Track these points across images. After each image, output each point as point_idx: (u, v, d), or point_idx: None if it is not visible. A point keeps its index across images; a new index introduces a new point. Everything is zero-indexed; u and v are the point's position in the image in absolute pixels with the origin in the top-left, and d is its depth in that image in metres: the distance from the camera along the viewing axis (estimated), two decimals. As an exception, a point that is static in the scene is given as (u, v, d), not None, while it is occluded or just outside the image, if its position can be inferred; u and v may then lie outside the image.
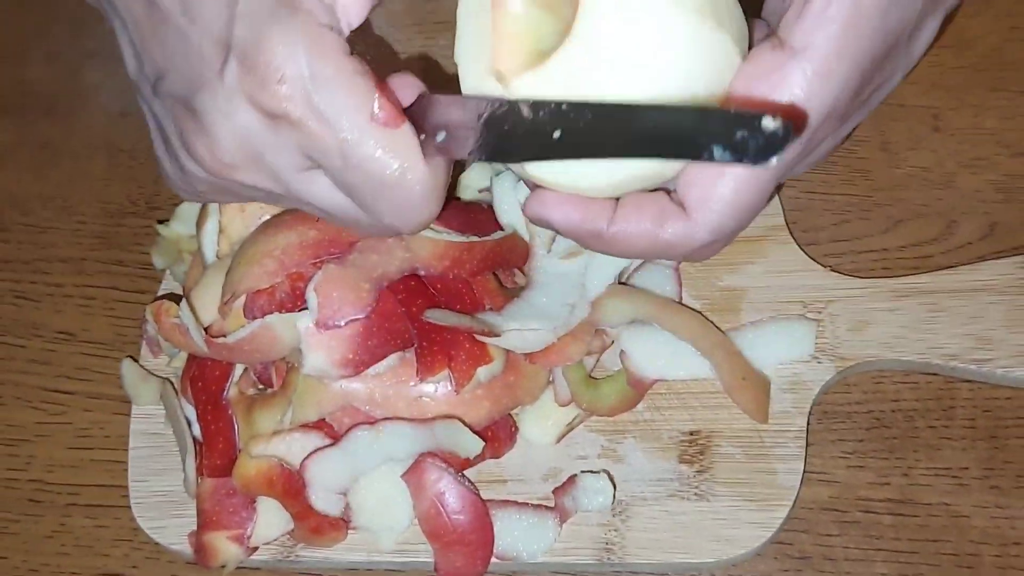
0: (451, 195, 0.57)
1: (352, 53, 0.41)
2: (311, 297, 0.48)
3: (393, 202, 0.42)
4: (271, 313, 0.49)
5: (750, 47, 0.42)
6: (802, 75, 0.40)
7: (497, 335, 0.49)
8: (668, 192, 0.43)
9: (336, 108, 0.40)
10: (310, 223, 0.50)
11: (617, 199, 0.43)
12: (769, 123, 0.32)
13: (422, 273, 0.51)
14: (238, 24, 0.40)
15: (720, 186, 0.41)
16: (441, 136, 0.41)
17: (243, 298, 0.49)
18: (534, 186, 0.44)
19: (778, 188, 0.55)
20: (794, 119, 0.40)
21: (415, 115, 0.42)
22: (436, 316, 0.49)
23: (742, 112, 0.33)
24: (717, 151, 0.33)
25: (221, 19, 0.41)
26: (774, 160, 0.32)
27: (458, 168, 0.57)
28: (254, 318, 0.49)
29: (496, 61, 0.41)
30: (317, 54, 0.40)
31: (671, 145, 0.35)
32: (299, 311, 0.49)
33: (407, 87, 0.43)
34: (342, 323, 0.48)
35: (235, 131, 0.41)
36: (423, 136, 0.42)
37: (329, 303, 0.48)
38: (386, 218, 0.43)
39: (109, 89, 0.67)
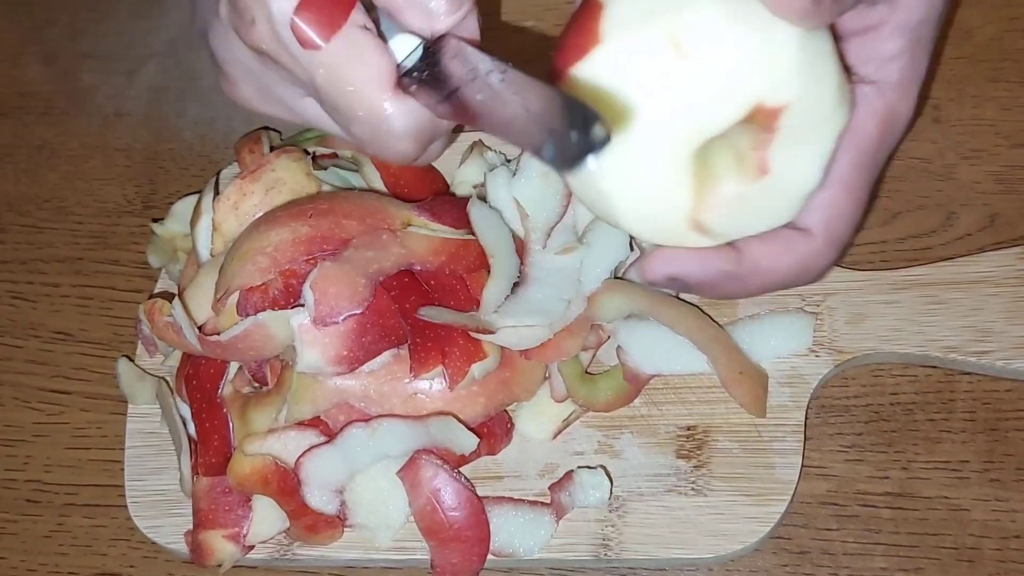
0: (446, 191, 0.57)
1: None
2: (307, 294, 0.48)
3: (369, 134, 0.43)
4: (265, 310, 0.49)
5: None
6: (885, 104, 0.43)
7: (491, 332, 0.49)
8: None
9: (296, 46, 0.41)
10: (303, 220, 0.50)
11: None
12: (599, 130, 0.33)
13: (417, 269, 0.50)
14: None
15: (841, 204, 0.43)
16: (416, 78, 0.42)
17: (236, 295, 0.49)
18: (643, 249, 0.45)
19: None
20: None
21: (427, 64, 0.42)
22: (430, 314, 0.49)
23: (584, 106, 0.34)
24: (548, 150, 0.34)
25: None
26: (588, 165, 0.33)
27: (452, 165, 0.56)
28: (247, 315, 0.49)
29: None
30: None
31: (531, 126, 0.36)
32: (293, 308, 0.49)
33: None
34: (339, 319, 0.48)
35: (239, 66, 0.44)
36: (414, 75, 0.42)
37: (325, 299, 0.48)
38: (368, 147, 0.44)
39: (104, 91, 0.67)
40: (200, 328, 0.50)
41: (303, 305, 0.48)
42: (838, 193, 0.42)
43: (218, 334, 0.49)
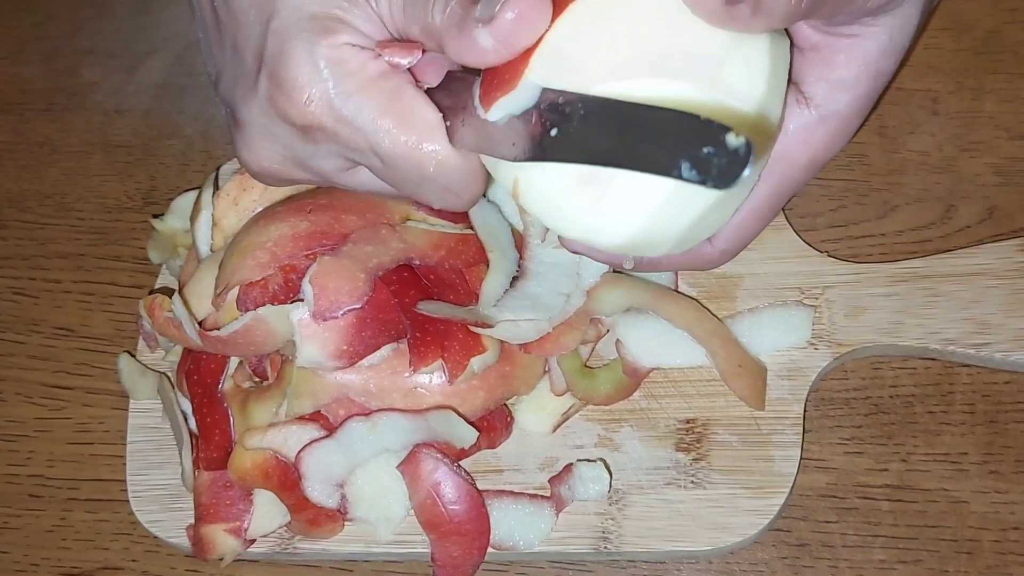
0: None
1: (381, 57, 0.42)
2: (307, 289, 0.48)
3: (435, 190, 0.43)
4: (264, 305, 0.49)
5: None
6: (824, 135, 0.42)
7: (491, 326, 0.49)
8: None
9: (363, 119, 0.41)
10: (302, 215, 0.50)
11: None
12: (732, 139, 0.31)
13: (416, 263, 0.51)
14: (270, 40, 0.41)
15: (746, 228, 0.44)
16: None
17: (236, 290, 0.49)
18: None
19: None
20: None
21: (446, 94, 0.42)
22: (429, 308, 0.49)
23: (711, 120, 0.32)
24: (685, 169, 0.31)
25: (258, 32, 0.42)
26: (736, 184, 0.31)
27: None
28: (247, 310, 0.49)
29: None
30: (342, 73, 0.41)
31: (649, 146, 0.33)
32: (292, 303, 0.49)
33: (434, 64, 0.43)
34: (339, 314, 0.48)
35: (268, 137, 0.43)
36: (456, 120, 0.42)
37: (325, 294, 0.48)
38: (435, 203, 0.44)
39: (105, 87, 0.67)
40: (200, 323, 0.50)
41: (303, 300, 0.49)
42: (747, 219, 0.43)
43: (218, 329, 0.49)
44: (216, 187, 0.54)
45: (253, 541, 0.51)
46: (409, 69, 0.42)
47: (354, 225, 0.50)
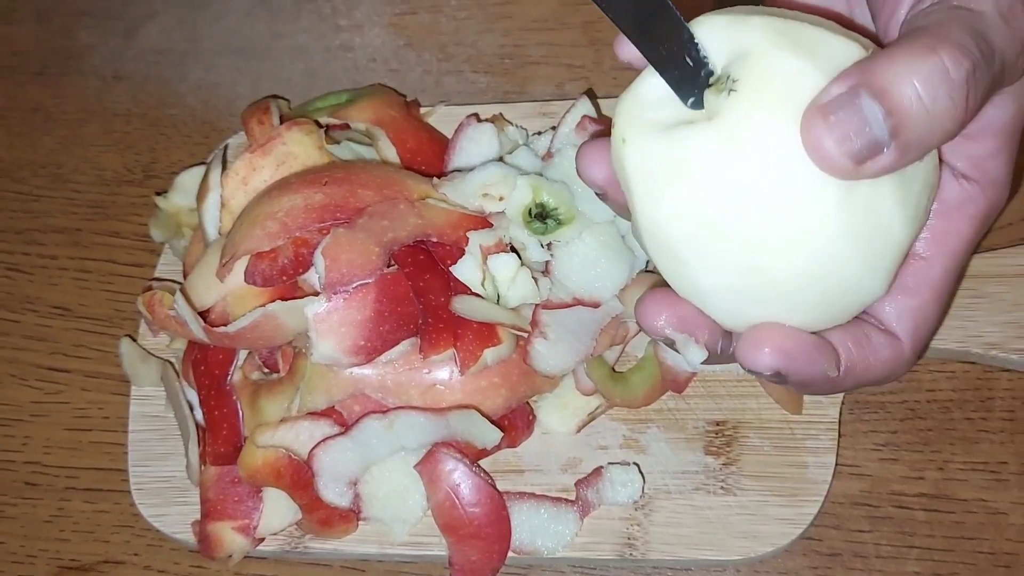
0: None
1: None
2: (319, 260, 0.46)
3: None
4: (273, 279, 0.47)
5: None
6: (983, 203, 0.39)
7: (527, 332, 0.47)
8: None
9: None
10: (317, 187, 0.48)
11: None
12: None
13: (433, 240, 0.48)
14: None
15: (929, 313, 0.39)
16: None
17: (243, 261, 0.47)
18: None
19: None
20: None
21: None
22: (465, 307, 0.47)
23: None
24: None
25: None
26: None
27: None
28: (255, 283, 0.47)
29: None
30: None
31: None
32: (302, 275, 0.47)
33: None
34: (350, 287, 0.46)
35: None
36: None
37: (336, 266, 0.46)
38: None
39: (102, 51, 0.64)
40: (207, 314, 0.48)
41: (315, 294, 0.46)
42: (928, 301, 0.39)
43: (225, 325, 0.47)
44: (224, 165, 0.52)
45: (262, 539, 0.49)
46: None
47: (370, 200, 0.48)
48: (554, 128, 0.53)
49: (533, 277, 0.49)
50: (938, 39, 0.32)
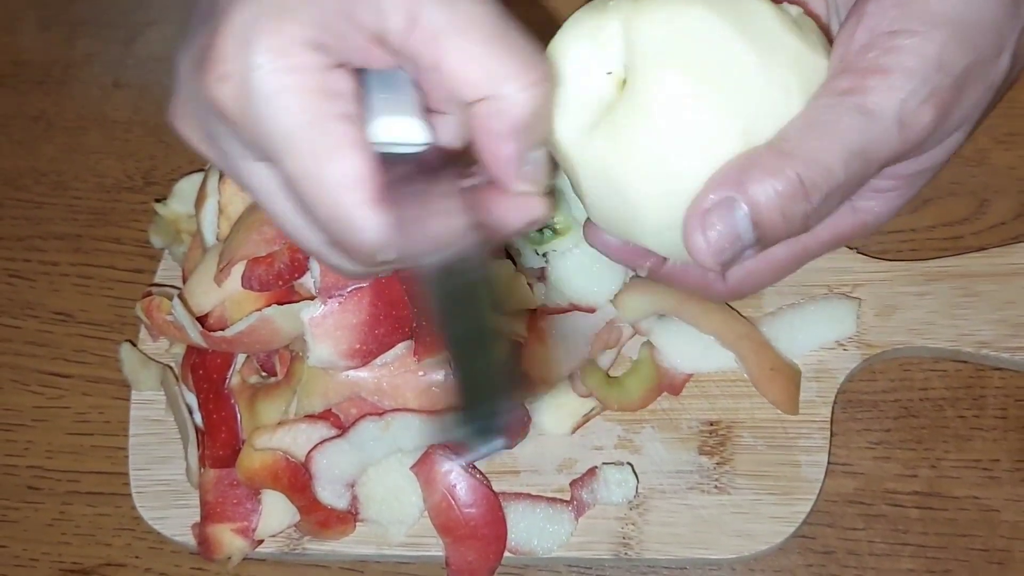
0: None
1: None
2: (314, 265, 0.47)
3: (326, 234, 0.35)
4: (269, 283, 0.47)
5: None
6: (854, 221, 0.41)
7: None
8: None
9: (274, 126, 0.33)
10: None
11: None
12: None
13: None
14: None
15: (764, 275, 0.41)
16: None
17: (241, 267, 0.47)
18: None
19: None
20: None
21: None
22: None
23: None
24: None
25: None
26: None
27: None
28: (252, 288, 0.47)
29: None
30: (276, 67, 0.33)
31: None
32: (298, 280, 0.47)
33: None
34: (345, 291, 0.46)
35: (194, 106, 0.37)
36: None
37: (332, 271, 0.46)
38: (315, 250, 0.37)
39: (103, 59, 0.64)
40: (205, 319, 0.48)
41: (311, 298, 0.47)
42: (762, 268, 0.40)
43: (223, 329, 0.47)
44: (222, 172, 0.52)
45: (261, 541, 0.50)
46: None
47: (366, 206, 0.49)
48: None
49: (528, 283, 0.49)
50: (810, 161, 0.34)
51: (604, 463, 0.49)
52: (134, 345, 0.55)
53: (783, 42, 0.36)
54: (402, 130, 0.35)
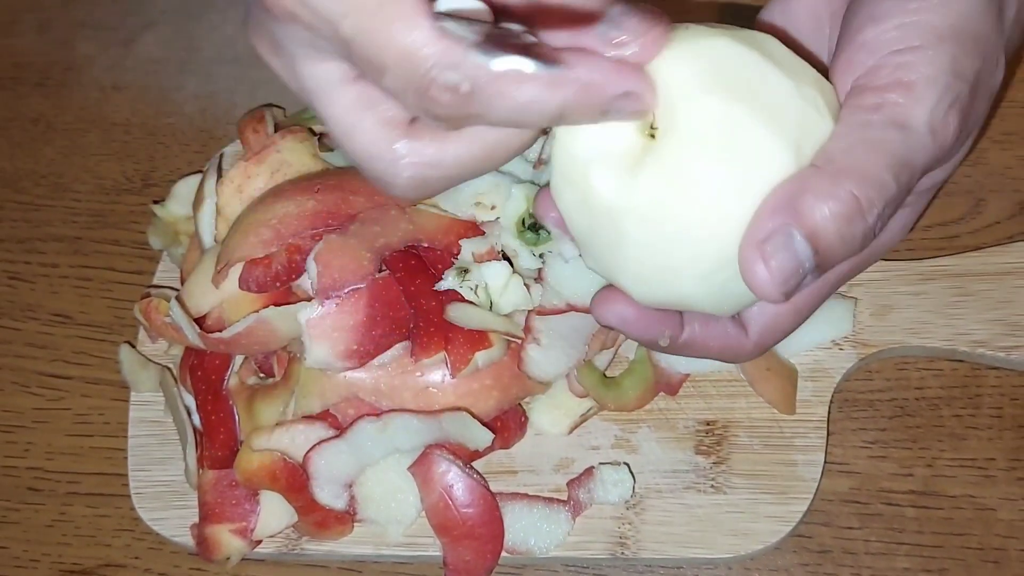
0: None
1: None
2: (311, 266, 0.47)
3: (403, 82, 0.34)
4: (267, 285, 0.47)
5: None
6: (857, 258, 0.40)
7: (521, 339, 0.47)
8: None
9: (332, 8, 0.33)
10: (309, 194, 0.49)
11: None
12: None
13: (424, 246, 0.49)
14: None
15: (783, 323, 0.41)
16: None
17: (238, 268, 0.48)
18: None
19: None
20: None
21: None
22: (459, 315, 0.47)
23: None
24: None
25: None
26: None
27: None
28: (249, 290, 0.48)
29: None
30: None
31: None
32: (296, 280, 0.48)
33: None
34: (342, 292, 0.46)
35: (256, 14, 0.37)
36: None
37: (329, 272, 0.47)
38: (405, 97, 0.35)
39: (102, 61, 0.65)
40: (203, 320, 0.48)
41: (308, 299, 0.47)
42: (785, 313, 0.41)
43: (221, 330, 0.47)
44: (219, 173, 0.52)
45: (259, 542, 0.50)
46: None
47: (362, 206, 0.49)
48: (545, 133, 0.53)
49: (525, 284, 0.49)
50: (863, 177, 0.34)
51: (601, 463, 0.49)
52: (133, 347, 0.55)
53: (800, 65, 0.36)
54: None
